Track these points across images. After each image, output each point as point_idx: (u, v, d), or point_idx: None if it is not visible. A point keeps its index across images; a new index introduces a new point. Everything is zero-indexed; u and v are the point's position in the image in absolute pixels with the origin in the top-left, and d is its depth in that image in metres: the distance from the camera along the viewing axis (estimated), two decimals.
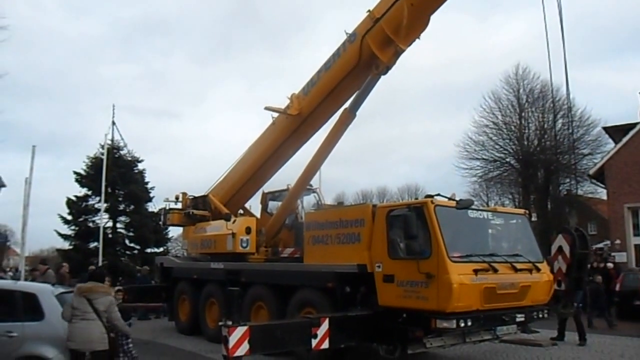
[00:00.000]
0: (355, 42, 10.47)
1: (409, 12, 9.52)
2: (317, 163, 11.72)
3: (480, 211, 9.12)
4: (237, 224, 12.53)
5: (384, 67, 10.28)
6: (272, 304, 10.69)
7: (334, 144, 11.39)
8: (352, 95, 11.11)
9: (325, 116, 11.79)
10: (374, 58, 10.17)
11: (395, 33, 9.86)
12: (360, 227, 9.08)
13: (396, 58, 10.27)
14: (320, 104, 11.41)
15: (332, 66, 11.10)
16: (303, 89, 11.83)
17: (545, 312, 9.12)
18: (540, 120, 36.20)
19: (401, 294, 8.18)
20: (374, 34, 10.09)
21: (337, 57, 11.04)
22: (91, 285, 6.93)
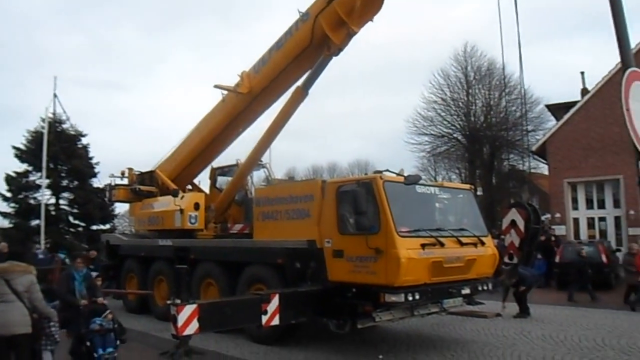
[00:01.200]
0: (308, 22, 10.31)
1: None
2: (268, 140, 11.57)
3: (428, 186, 9.23)
4: (185, 200, 12.32)
5: (336, 49, 10.20)
6: (222, 281, 10.61)
7: (285, 122, 11.27)
8: (303, 74, 10.98)
9: (277, 94, 11.65)
10: (326, 39, 10.06)
11: (349, 15, 9.77)
12: (310, 202, 9.06)
13: (348, 40, 10.16)
14: (272, 82, 11.25)
15: (284, 45, 10.92)
16: (254, 66, 11.61)
17: (489, 285, 9.37)
18: (487, 97, 37.08)
19: (351, 269, 8.24)
20: (327, 15, 9.95)
21: (289, 36, 10.86)
22: (7, 265, 6.32)
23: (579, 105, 23.69)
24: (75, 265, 8.49)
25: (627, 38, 5.09)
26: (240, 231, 11.81)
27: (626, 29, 5.06)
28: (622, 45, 4.99)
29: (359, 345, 9.34)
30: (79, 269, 8.38)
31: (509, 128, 34.57)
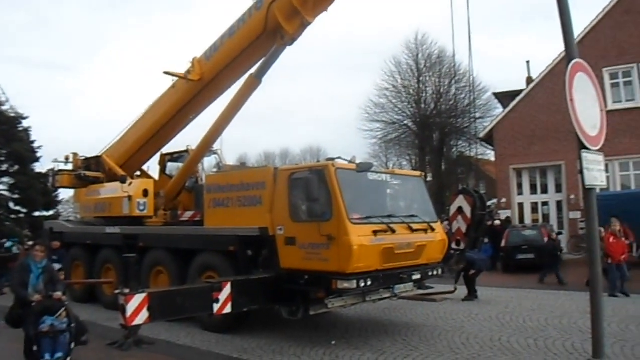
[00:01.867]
0: (262, 10, 10.13)
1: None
2: (219, 127, 11.39)
3: (379, 174, 9.28)
4: (134, 186, 12.03)
5: (290, 38, 10.09)
6: (172, 269, 10.43)
7: (238, 109, 11.13)
8: (256, 62, 10.83)
9: (229, 82, 11.45)
10: (280, 28, 9.93)
11: (303, 5, 9.66)
12: (262, 189, 8.99)
13: (302, 30, 10.06)
14: (223, 70, 11.05)
15: (237, 33, 10.71)
16: (205, 53, 11.37)
17: (439, 270, 9.57)
18: (437, 85, 37.71)
19: (303, 256, 8.24)
20: (281, 4, 9.81)
21: (241, 23, 10.65)
22: None
23: (524, 94, 24.32)
24: (33, 255, 7.58)
25: (572, 30, 5.24)
26: (191, 218, 11.64)
27: (571, 22, 5.21)
28: (567, 37, 5.13)
29: (312, 332, 9.38)
30: (38, 259, 7.50)
31: (458, 115, 35.28)
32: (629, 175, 21.88)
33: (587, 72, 5.11)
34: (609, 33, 22.14)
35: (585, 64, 5.12)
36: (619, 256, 13.07)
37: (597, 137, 4.98)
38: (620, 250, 13.23)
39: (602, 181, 4.98)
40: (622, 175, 21.90)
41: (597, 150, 4.95)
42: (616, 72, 22.14)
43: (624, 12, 22.01)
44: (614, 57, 21.98)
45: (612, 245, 13.21)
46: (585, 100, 4.90)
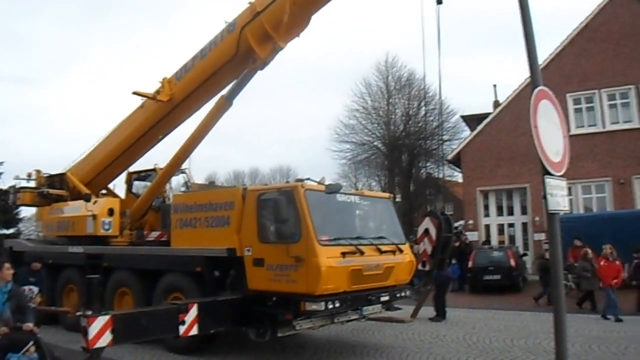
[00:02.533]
0: (234, 33, 10.05)
1: (291, 10, 9.29)
2: (188, 148, 11.26)
3: (348, 195, 9.33)
4: (99, 204, 11.78)
5: (261, 63, 10.00)
6: (137, 290, 10.22)
7: (208, 130, 11.02)
8: (227, 84, 10.75)
9: (199, 104, 11.32)
10: (252, 52, 9.86)
11: (275, 29, 9.59)
12: (230, 210, 8.92)
13: (274, 54, 10.00)
14: (194, 91, 10.89)
15: (208, 54, 10.60)
16: (176, 73, 11.21)
17: (407, 291, 9.61)
18: (406, 107, 38.22)
19: (271, 277, 8.17)
20: (253, 28, 9.76)
21: (213, 45, 10.54)
22: None
23: (490, 117, 24.86)
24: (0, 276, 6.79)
25: (536, 58, 5.37)
26: (157, 238, 11.45)
27: (535, 50, 5.34)
28: (532, 65, 5.26)
29: (280, 354, 9.28)
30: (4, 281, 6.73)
31: (427, 137, 35.80)
32: (591, 198, 22.49)
33: (550, 99, 5.24)
34: (572, 60, 22.91)
35: (549, 92, 5.26)
36: (610, 280, 12.81)
37: (560, 163, 5.10)
38: (612, 274, 12.93)
39: (565, 206, 5.09)
40: (585, 198, 22.50)
41: (560, 176, 5.07)
42: (579, 97, 22.86)
43: (587, 40, 22.82)
44: (577, 83, 22.71)
45: (603, 269, 13.05)
46: (549, 127, 5.02)
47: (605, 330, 11.19)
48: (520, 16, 5.28)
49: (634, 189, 21.57)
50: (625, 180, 21.60)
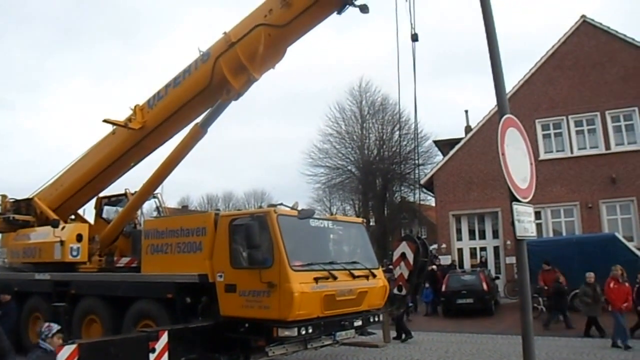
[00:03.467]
0: (208, 62, 9.92)
1: (266, 42, 9.24)
2: (161, 175, 11.11)
3: (321, 220, 9.34)
4: (67, 230, 11.56)
5: (235, 94, 9.91)
6: (106, 318, 9.99)
7: (181, 158, 10.87)
8: (201, 114, 10.59)
9: (171, 132, 11.16)
10: (226, 82, 9.75)
11: (250, 61, 9.49)
12: (202, 235, 8.85)
13: (249, 86, 9.91)
14: (167, 120, 10.73)
15: (182, 83, 10.46)
16: (148, 101, 11.03)
17: (380, 316, 9.61)
18: (380, 132, 38.63)
19: (243, 303, 8.11)
20: (228, 58, 9.65)
21: (187, 74, 10.41)
22: None
23: (462, 142, 25.24)
24: None
25: (503, 87, 5.51)
26: (128, 264, 11.25)
27: (503, 79, 5.48)
28: (499, 94, 5.39)
29: None
30: None
31: (400, 162, 36.13)
32: (560, 222, 22.88)
33: (517, 127, 5.36)
34: (540, 87, 23.53)
35: (516, 120, 5.38)
36: (620, 303, 12.03)
37: (527, 190, 5.20)
38: (622, 297, 12.17)
39: (532, 232, 5.17)
40: (554, 222, 22.87)
41: (528, 202, 5.16)
42: (547, 123, 23.41)
43: (554, 68, 23.49)
44: (545, 110, 23.29)
45: (612, 291, 12.27)
46: (516, 154, 5.13)
47: (575, 353, 11.31)
48: (487, 48, 5.42)
49: (601, 213, 22.03)
50: (592, 204, 22.08)
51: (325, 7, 8.97)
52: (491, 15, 5.59)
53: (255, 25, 9.31)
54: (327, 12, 9.12)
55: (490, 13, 5.58)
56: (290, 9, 8.99)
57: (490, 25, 5.55)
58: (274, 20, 9.17)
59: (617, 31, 22.66)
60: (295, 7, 8.95)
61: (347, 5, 8.79)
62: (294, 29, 9.27)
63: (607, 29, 22.81)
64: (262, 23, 9.24)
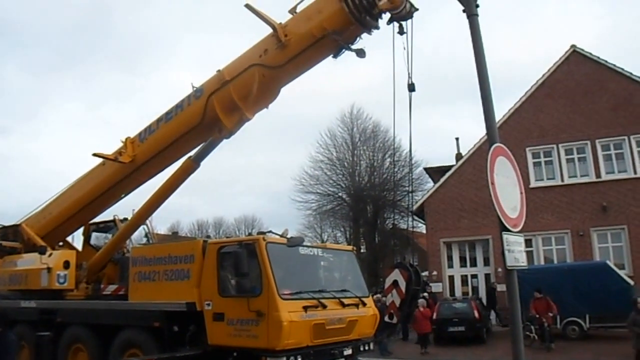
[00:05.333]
0: (201, 99, 9.71)
1: (260, 82, 9.06)
2: (151, 207, 10.98)
3: (311, 248, 9.30)
4: (54, 257, 11.38)
5: (227, 132, 9.72)
6: (93, 346, 9.82)
7: (172, 191, 10.73)
8: (192, 149, 10.42)
9: (162, 166, 10.96)
10: (218, 121, 9.59)
11: (243, 100, 9.30)
12: (190, 263, 8.76)
13: (241, 125, 9.74)
14: (157, 154, 10.54)
15: (173, 119, 10.26)
16: (140, 134, 10.81)
17: (370, 345, 9.49)
18: (371, 158, 38.67)
19: (231, 332, 8.01)
20: (221, 97, 9.44)
21: (179, 109, 10.20)
22: None
23: (453, 170, 25.34)
24: None
25: (493, 115, 5.54)
26: (115, 292, 11.07)
27: (492, 108, 5.51)
28: (489, 122, 5.42)
29: None
30: None
31: (391, 189, 36.14)
32: (552, 249, 22.88)
33: (507, 156, 5.38)
34: (531, 115, 23.77)
35: (506, 148, 5.39)
36: None
37: (517, 219, 5.19)
38: None
39: (523, 262, 5.15)
40: (545, 249, 22.87)
41: (518, 232, 5.15)
42: (538, 151, 23.58)
43: (545, 96, 23.77)
44: (536, 138, 23.49)
45: None
46: (506, 184, 5.13)
47: None
48: (477, 79, 5.47)
49: (592, 241, 22.06)
50: (584, 232, 22.12)
51: (321, 51, 8.83)
52: (481, 43, 5.66)
53: (249, 65, 9.14)
54: (323, 56, 8.98)
55: (480, 42, 5.66)
56: (285, 51, 8.83)
57: (480, 53, 5.62)
58: (269, 61, 9.00)
59: (607, 61, 23.02)
60: (290, 49, 8.79)
61: (343, 50, 8.64)
62: (288, 70, 9.13)
63: (597, 59, 23.16)
64: (256, 63, 9.07)
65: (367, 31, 8.59)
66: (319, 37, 8.47)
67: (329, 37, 8.38)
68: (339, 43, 8.47)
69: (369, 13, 8.29)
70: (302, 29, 8.68)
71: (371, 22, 8.47)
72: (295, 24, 8.84)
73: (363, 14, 8.25)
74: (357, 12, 8.19)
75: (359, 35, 8.63)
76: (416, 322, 16.20)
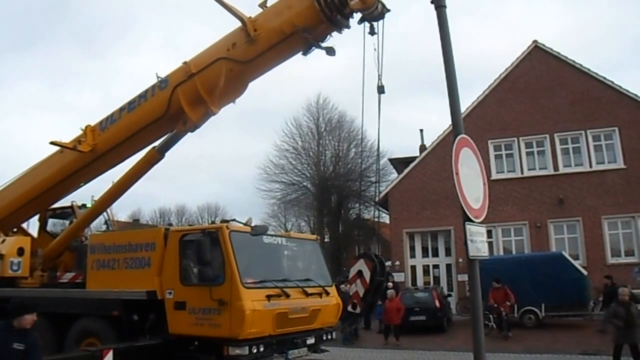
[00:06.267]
0: (166, 90, 9.43)
1: (227, 76, 8.86)
2: (112, 196, 10.70)
3: (275, 237, 9.27)
4: (7, 244, 11.03)
5: (192, 125, 9.49)
6: (48, 336, 9.46)
7: (135, 181, 10.45)
8: (155, 141, 10.14)
9: (124, 156, 10.63)
10: (183, 113, 9.35)
11: (209, 94, 9.10)
12: (151, 251, 8.62)
13: (206, 118, 9.54)
14: (119, 144, 10.20)
15: (137, 109, 9.93)
16: (101, 123, 10.41)
17: (333, 334, 9.53)
18: (336, 148, 38.70)
19: (193, 321, 7.94)
20: (186, 89, 9.20)
21: (143, 99, 9.88)
22: None
23: (417, 161, 25.61)
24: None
25: (459, 107, 5.58)
26: (72, 280, 10.80)
27: (458, 100, 5.55)
28: (454, 114, 5.45)
29: None
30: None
31: (356, 179, 36.27)
32: (511, 240, 23.42)
33: (471, 147, 5.43)
34: (493, 108, 24.19)
35: (470, 140, 5.44)
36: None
37: (480, 210, 5.25)
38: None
39: (485, 252, 5.22)
40: (504, 240, 23.39)
41: (480, 222, 5.20)
42: (499, 144, 24.03)
43: (506, 91, 24.21)
44: (497, 131, 23.91)
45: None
46: (470, 174, 5.18)
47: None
48: (444, 71, 5.48)
49: (549, 232, 22.69)
50: (541, 223, 22.72)
51: (291, 47, 8.69)
52: (448, 35, 5.68)
53: (217, 59, 8.93)
54: (292, 52, 8.86)
55: (447, 34, 5.67)
56: (254, 46, 8.63)
57: (447, 45, 5.64)
58: (237, 55, 8.78)
59: (567, 57, 23.59)
60: (260, 44, 8.61)
61: (313, 47, 8.53)
62: (257, 65, 8.96)
63: (558, 54, 23.71)
64: (224, 57, 8.87)
65: (338, 30, 8.47)
66: (288, 33, 8.33)
67: (298, 35, 8.25)
68: (309, 40, 8.35)
69: (340, 12, 8.15)
70: (271, 24, 8.51)
71: (342, 21, 8.34)
72: (265, 19, 8.65)
73: (334, 12, 8.11)
74: (327, 10, 8.05)
75: (329, 34, 8.51)
76: (386, 313, 16.22)
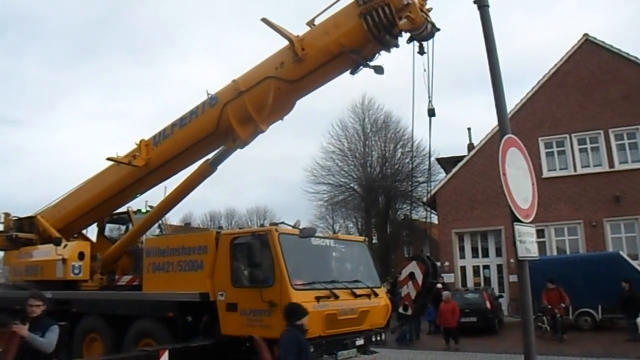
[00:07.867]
0: (216, 108, 9.64)
1: (276, 95, 8.94)
2: (166, 207, 11.14)
3: (323, 239, 9.34)
4: (69, 248, 11.54)
5: (242, 142, 9.62)
6: (107, 336, 9.94)
7: (188, 193, 10.76)
8: (205, 156, 10.36)
9: (176, 170, 10.93)
10: (232, 130, 9.51)
11: (258, 112, 9.18)
12: (203, 254, 8.85)
13: (255, 136, 9.61)
14: (171, 159, 10.50)
15: (188, 125, 10.16)
16: (154, 137, 10.76)
17: (382, 335, 9.52)
18: (382, 149, 38.54)
19: (244, 322, 8.10)
20: (235, 107, 9.35)
21: (194, 116, 10.10)
22: None
23: (465, 160, 25.21)
24: None
25: (505, 107, 5.53)
26: (129, 283, 11.21)
27: (504, 99, 5.50)
28: (500, 114, 5.41)
29: None
30: None
31: (403, 179, 36.04)
32: (564, 240, 22.75)
33: (519, 147, 5.36)
34: (543, 105, 23.54)
35: (517, 140, 5.38)
36: None
37: (529, 210, 5.18)
38: None
39: (535, 252, 5.14)
40: (558, 240, 22.74)
41: (529, 223, 5.14)
42: (550, 141, 23.39)
43: (557, 86, 23.52)
44: (548, 128, 23.29)
45: None
46: (517, 174, 5.12)
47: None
48: (489, 71, 5.44)
49: (605, 231, 21.91)
50: (596, 222, 21.97)
51: (338, 66, 8.69)
52: (492, 35, 5.63)
53: (265, 77, 9.02)
54: (340, 71, 8.86)
55: (491, 33, 5.63)
56: (302, 65, 8.67)
57: (492, 44, 5.59)
58: (285, 75, 8.87)
59: (620, 49, 22.72)
60: (307, 64, 8.64)
61: (361, 66, 8.48)
62: (304, 84, 9.02)
63: (610, 47, 22.88)
64: (272, 76, 8.94)
65: (386, 49, 8.40)
66: (336, 53, 8.33)
67: (346, 54, 8.25)
68: (357, 60, 8.32)
69: (388, 32, 8.04)
70: (319, 43, 8.53)
71: (390, 41, 8.26)
72: (312, 38, 8.68)
73: (382, 32, 8.02)
74: (376, 30, 7.97)
75: (377, 52, 8.45)
76: (441, 316, 16.02)
